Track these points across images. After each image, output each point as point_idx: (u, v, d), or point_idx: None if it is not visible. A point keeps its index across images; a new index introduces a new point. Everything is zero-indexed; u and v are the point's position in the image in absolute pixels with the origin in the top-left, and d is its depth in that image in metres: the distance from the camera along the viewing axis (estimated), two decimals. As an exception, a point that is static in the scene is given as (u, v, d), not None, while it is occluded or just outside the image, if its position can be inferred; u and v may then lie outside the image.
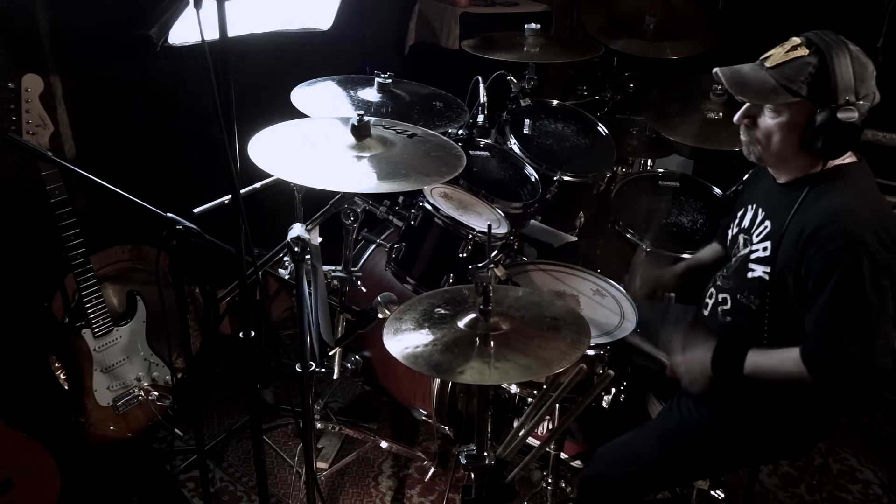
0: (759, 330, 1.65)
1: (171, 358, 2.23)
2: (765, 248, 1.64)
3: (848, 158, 1.60)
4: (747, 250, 1.71)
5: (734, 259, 1.77)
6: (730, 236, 1.85)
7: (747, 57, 1.64)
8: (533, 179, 2.47)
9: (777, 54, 1.57)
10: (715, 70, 1.63)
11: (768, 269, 1.62)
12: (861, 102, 1.50)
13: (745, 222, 1.77)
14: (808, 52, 1.51)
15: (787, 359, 1.56)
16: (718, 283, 1.81)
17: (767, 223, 1.67)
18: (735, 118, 1.65)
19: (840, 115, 1.48)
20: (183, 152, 2.79)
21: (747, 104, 1.62)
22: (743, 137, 1.67)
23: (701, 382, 1.69)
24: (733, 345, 1.65)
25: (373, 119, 1.83)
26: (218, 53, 1.29)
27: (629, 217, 2.56)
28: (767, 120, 1.59)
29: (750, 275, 1.67)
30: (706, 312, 1.83)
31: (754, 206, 1.75)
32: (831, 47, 1.50)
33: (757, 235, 1.69)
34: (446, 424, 2.20)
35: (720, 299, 1.78)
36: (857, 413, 2.75)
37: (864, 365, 1.47)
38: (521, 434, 1.56)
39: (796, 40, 1.55)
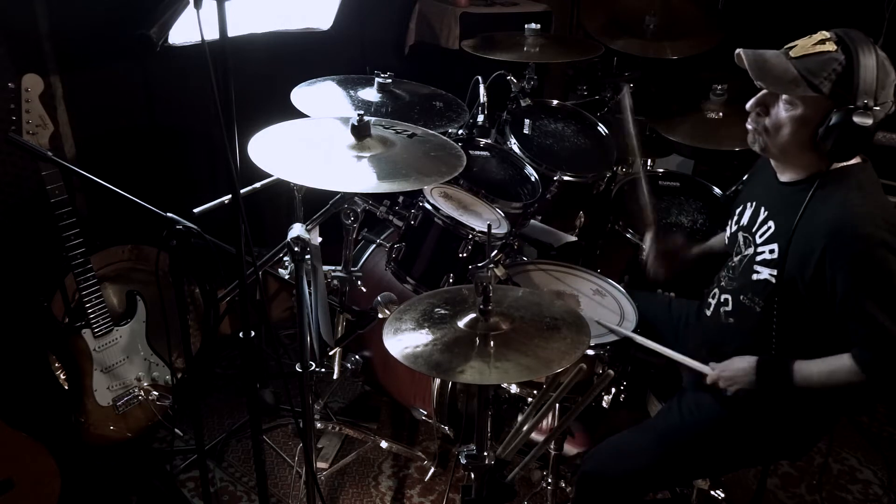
0: (766, 332, 1.63)
1: (171, 358, 2.23)
2: (771, 251, 1.62)
3: (853, 160, 1.58)
4: (751, 251, 1.68)
5: (737, 259, 1.75)
6: (728, 233, 1.83)
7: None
8: (533, 179, 2.47)
9: (803, 45, 1.52)
10: (738, 51, 1.56)
11: (775, 273, 1.59)
12: (878, 108, 1.46)
13: (745, 220, 1.75)
14: (835, 48, 1.48)
15: (840, 367, 1.54)
16: (722, 283, 1.79)
17: (771, 223, 1.64)
18: (748, 104, 1.60)
19: (856, 118, 1.45)
20: (183, 152, 2.79)
21: (763, 91, 1.58)
22: (750, 125, 1.63)
23: (741, 385, 1.67)
24: (776, 357, 1.62)
25: (373, 119, 1.83)
26: (218, 53, 1.29)
27: (629, 217, 2.55)
28: (781, 111, 1.55)
29: (755, 276, 1.65)
30: (709, 313, 1.82)
31: (754, 203, 1.73)
32: (860, 47, 1.46)
33: (760, 236, 1.66)
34: (446, 424, 2.20)
35: (723, 300, 1.76)
36: (857, 413, 2.75)
37: None
38: (521, 434, 1.56)
39: (825, 34, 1.51)
